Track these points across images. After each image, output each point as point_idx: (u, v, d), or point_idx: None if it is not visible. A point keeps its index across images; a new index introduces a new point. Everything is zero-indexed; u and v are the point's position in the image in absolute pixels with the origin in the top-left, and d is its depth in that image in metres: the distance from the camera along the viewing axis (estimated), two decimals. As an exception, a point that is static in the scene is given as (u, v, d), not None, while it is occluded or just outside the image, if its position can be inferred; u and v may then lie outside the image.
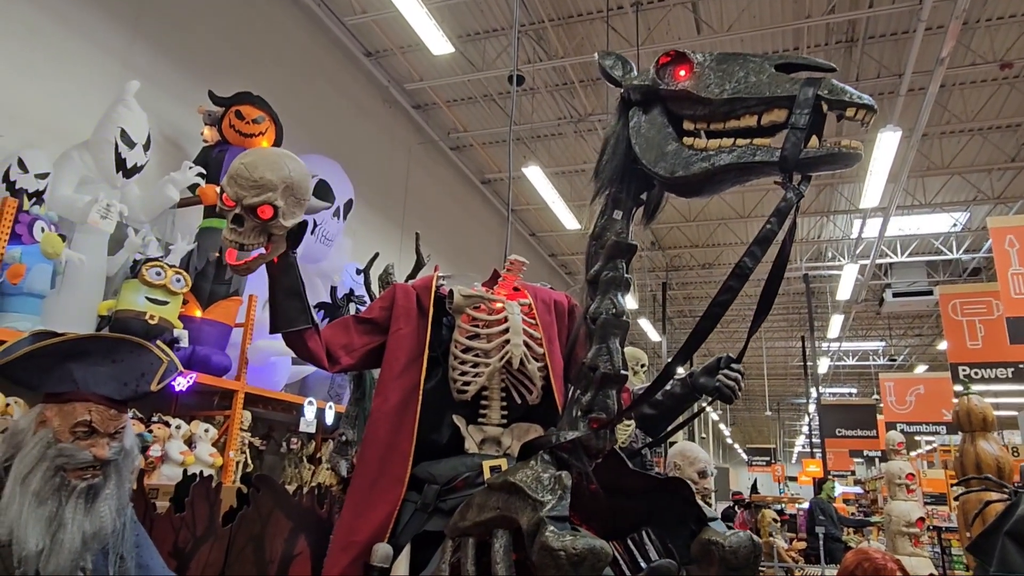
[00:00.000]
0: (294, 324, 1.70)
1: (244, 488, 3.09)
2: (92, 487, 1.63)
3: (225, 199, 1.57)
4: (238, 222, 1.56)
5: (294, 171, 1.60)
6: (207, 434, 5.08)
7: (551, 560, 1.04)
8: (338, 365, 1.81)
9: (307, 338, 1.75)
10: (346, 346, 1.83)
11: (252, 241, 1.57)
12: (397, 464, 1.66)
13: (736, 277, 1.17)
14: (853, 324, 17.83)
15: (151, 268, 4.51)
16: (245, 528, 2.99)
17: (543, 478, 1.22)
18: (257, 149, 1.67)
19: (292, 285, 1.73)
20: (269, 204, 1.56)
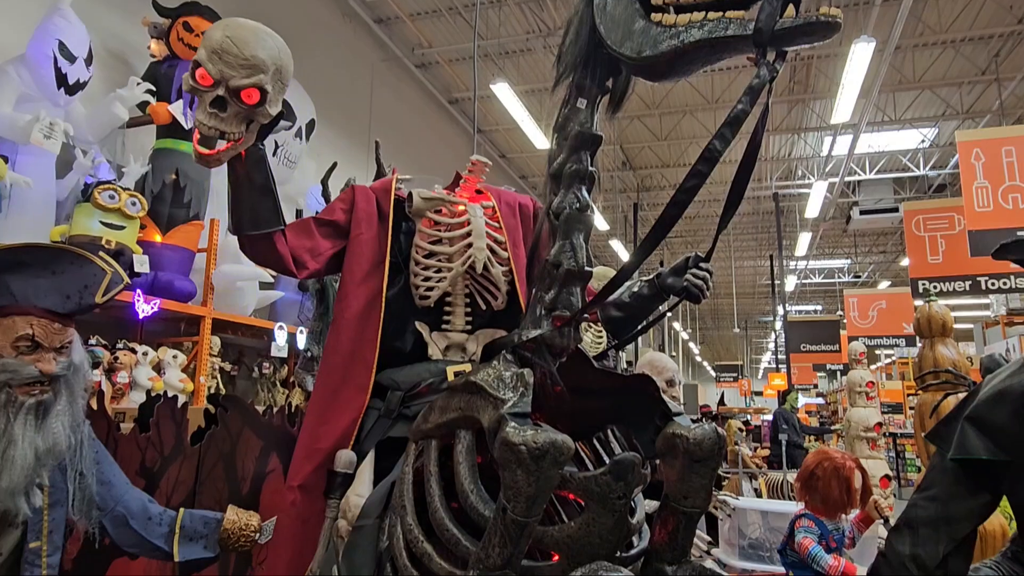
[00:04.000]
0: (265, 225, 1.57)
1: (212, 408, 3.06)
2: (41, 403, 1.58)
3: (202, 77, 1.38)
4: (219, 106, 1.40)
5: (283, 52, 1.45)
6: (176, 360, 5.02)
7: (512, 455, 1.02)
8: (305, 270, 1.72)
9: (276, 241, 1.64)
10: (311, 250, 1.73)
11: (234, 129, 1.42)
12: (360, 372, 1.62)
13: (705, 161, 1.12)
14: (820, 242, 18.09)
15: (104, 191, 4.33)
16: (215, 447, 2.97)
17: (505, 376, 1.19)
18: (240, 21, 1.46)
19: (264, 182, 1.58)
20: (258, 88, 1.40)
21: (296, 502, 1.54)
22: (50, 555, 1.68)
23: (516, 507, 1.04)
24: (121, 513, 1.85)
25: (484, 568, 1.08)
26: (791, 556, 3.21)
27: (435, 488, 1.27)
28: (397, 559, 1.31)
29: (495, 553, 1.07)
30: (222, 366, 5.48)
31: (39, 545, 1.66)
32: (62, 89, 4.13)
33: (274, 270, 1.71)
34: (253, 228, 1.57)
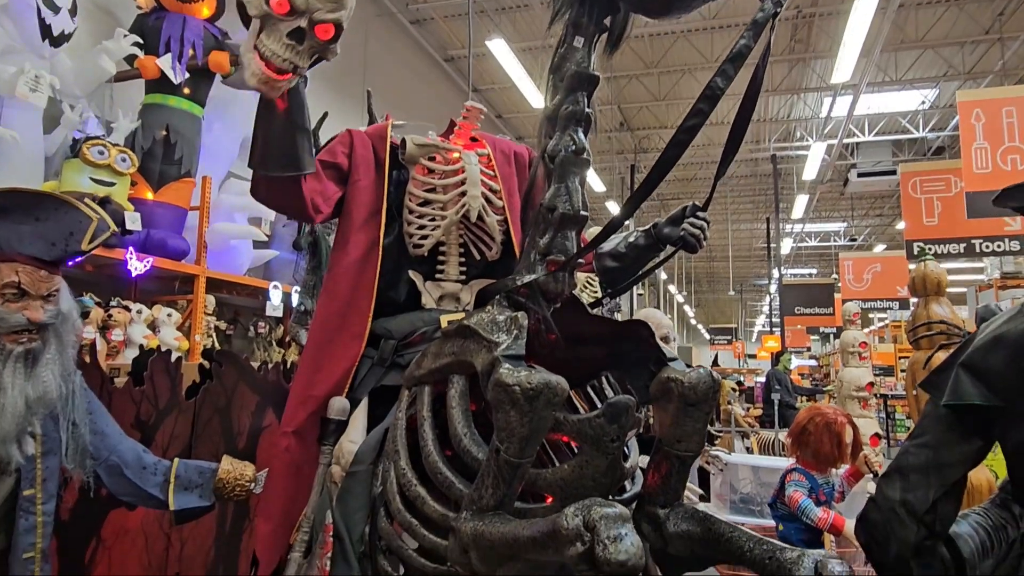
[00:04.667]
0: (296, 166, 1.47)
1: (206, 364, 3.06)
2: (30, 352, 1.57)
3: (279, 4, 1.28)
4: (297, 37, 1.31)
5: None
6: (170, 319, 5.01)
7: (506, 395, 1.01)
8: (320, 215, 1.66)
9: (302, 184, 1.57)
10: (322, 193, 1.67)
11: (305, 63, 1.34)
12: (356, 321, 1.61)
13: (706, 99, 1.09)
14: (817, 205, 18.03)
15: (93, 147, 4.26)
16: (210, 401, 2.98)
17: (499, 320, 1.18)
18: None
19: (303, 121, 1.50)
20: (336, 24, 1.33)
21: (290, 448, 1.54)
22: (45, 503, 1.69)
23: (509, 448, 1.03)
24: (115, 463, 1.86)
25: (477, 509, 1.08)
26: (781, 509, 3.26)
27: (428, 432, 1.26)
28: (391, 503, 1.31)
29: (488, 494, 1.07)
30: (217, 325, 5.47)
31: (33, 493, 1.66)
32: (46, 41, 4.03)
33: (290, 214, 1.66)
34: (282, 169, 1.48)
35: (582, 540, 0.82)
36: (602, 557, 0.80)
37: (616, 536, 0.81)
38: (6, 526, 1.66)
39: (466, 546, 1.06)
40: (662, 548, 1.23)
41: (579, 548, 0.82)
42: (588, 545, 0.81)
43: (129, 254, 4.43)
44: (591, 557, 0.81)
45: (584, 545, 0.82)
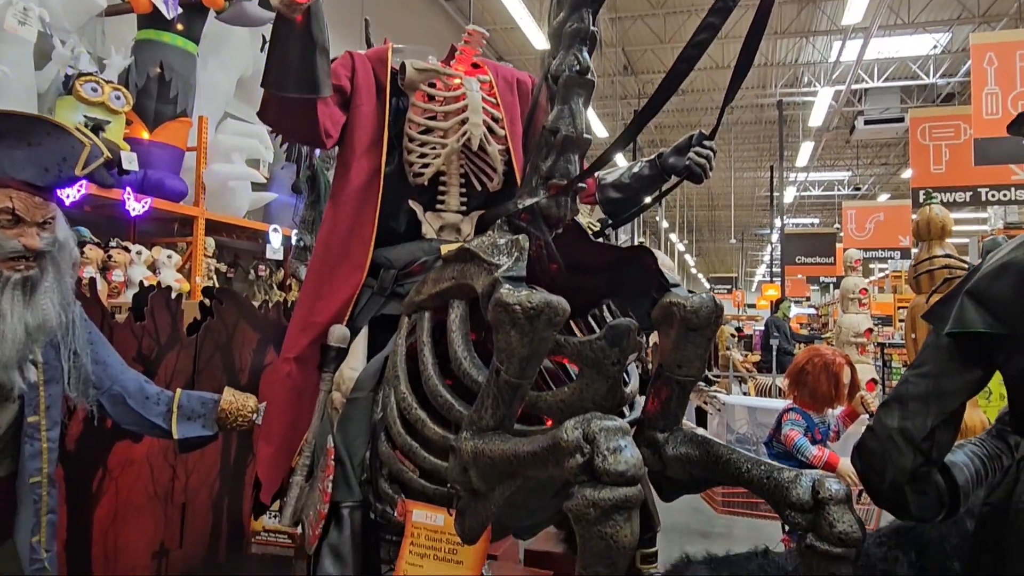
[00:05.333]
0: (313, 88, 1.41)
1: (207, 301, 3.06)
2: (28, 279, 1.56)
3: None
4: None
5: None
6: (171, 260, 4.99)
7: (506, 315, 1.01)
8: (331, 140, 1.62)
9: (318, 107, 1.52)
10: (331, 117, 1.62)
11: None
12: (357, 250, 1.59)
13: (717, 12, 1.04)
14: (822, 153, 17.81)
15: (86, 83, 4.17)
16: (211, 338, 3.00)
17: (499, 243, 1.16)
18: None
19: (324, 42, 1.44)
20: None
21: (291, 374, 1.55)
22: (49, 429, 1.70)
23: (509, 368, 1.03)
24: (118, 392, 1.87)
25: (477, 429, 1.08)
26: (776, 448, 3.30)
27: (428, 357, 1.26)
28: (391, 428, 1.32)
29: (488, 415, 1.08)
30: (218, 267, 5.45)
31: (37, 420, 1.68)
32: (33, -29, 3.90)
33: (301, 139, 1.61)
34: (299, 90, 1.42)
35: (581, 452, 0.82)
36: (601, 468, 0.80)
37: (616, 448, 0.82)
38: (12, 452, 1.68)
39: (466, 464, 1.07)
40: (660, 471, 1.24)
41: (579, 460, 0.82)
42: (588, 456, 0.82)
43: (127, 194, 4.38)
44: (590, 468, 0.81)
45: (584, 456, 0.82)
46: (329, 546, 1.33)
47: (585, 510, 0.80)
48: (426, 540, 1.23)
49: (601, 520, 0.79)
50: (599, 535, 0.79)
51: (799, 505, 0.99)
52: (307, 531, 1.37)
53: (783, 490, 1.01)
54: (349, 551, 1.33)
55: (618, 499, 0.79)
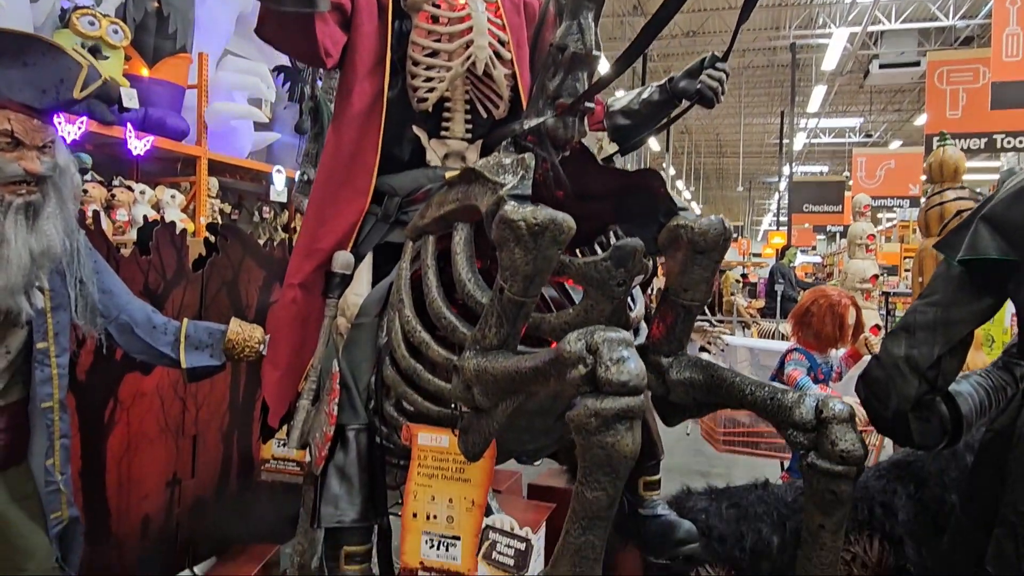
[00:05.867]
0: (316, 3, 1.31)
1: (212, 238, 3.05)
2: (30, 204, 1.55)
3: None
4: None
5: None
6: (174, 200, 4.98)
7: (511, 232, 0.99)
8: (331, 59, 1.56)
9: (316, 24, 1.46)
10: (331, 36, 1.56)
11: None
12: (361, 175, 1.57)
13: None
14: (834, 99, 17.42)
15: (83, 16, 4.08)
16: (217, 274, 3.00)
17: (504, 163, 1.14)
18: None
19: None
20: None
21: (296, 299, 1.55)
22: (59, 356, 1.72)
23: (513, 286, 1.02)
24: (126, 321, 1.88)
25: (480, 348, 1.08)
26: (779, 387, 3.33)
27: (432, 280, 1.26)
28: (396, 351, 1.33)
29: (491, 333, 1.07)
30: (222, 208, 5.43)
31: (46, 346, 1.69)
32: None
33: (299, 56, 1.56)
34: (296, 4, 1.34)
35: (584, 362, 0.82)
36: (604, 378, 0.80)
37: (619, 358, 0.81)
38: (23, 377, 1.70)
39: (469, 382, 1.07)
40: (663, 396, 1.25)
41: (581, 370, 0.82)
42: (590, 367, 0.82)
43: (128, 132, 4.34)
44: (593, 378, 0.81)
45: (587, 367, 0.82)
46: (335, 467, 1.36)
47: (586, 420, 0.80)
48: (433, 461, 1.25)
49: (602, 429, 0.79)
50: (600, 444, 0.80)
51: (802, 424, 1.00)
52: (314, 453, 1.40)
53: (787, 411, 1.02)
54: (355, 472, 1.35)
55: (620, 408, 0.79)
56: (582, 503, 0.83)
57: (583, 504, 0.83)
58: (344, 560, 1.31)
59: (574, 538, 0.84)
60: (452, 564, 1.23)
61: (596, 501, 0.82)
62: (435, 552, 1.24)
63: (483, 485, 1.22)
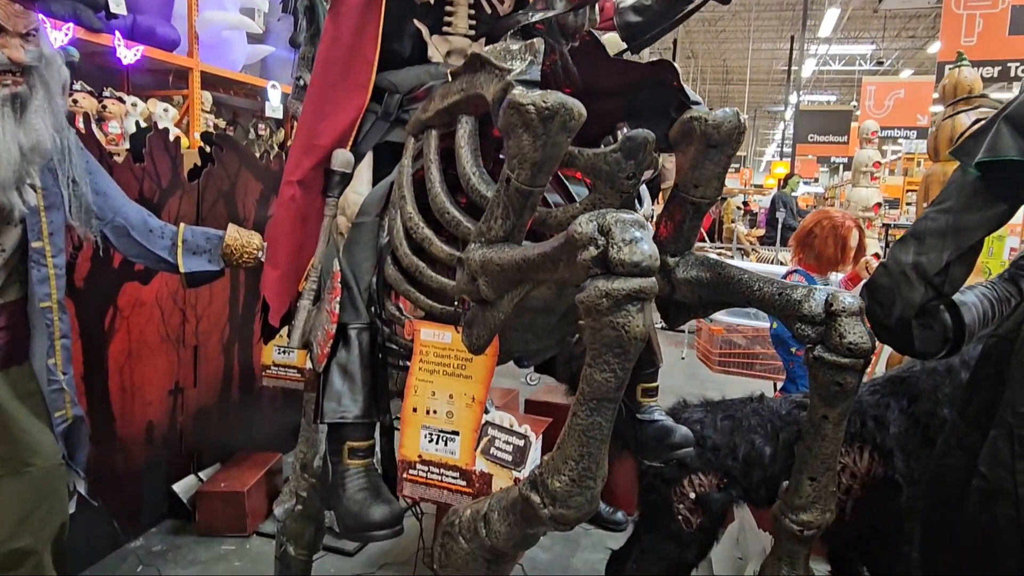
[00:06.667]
0: None
1: (206, 147, 2.99)
2: (16, 95, 1.50)
3: None
4: None
5: None
6: (167, 114, 4.85)
7: (519, 117, 0.95)
8: None
9: None
10: None
11: None
12: (360, 69, 1.51)
13: None
14: (846, 24, 16.88)
15: (63, -86, 3.86)
16: (213, 185, 2.95)
17: (512, 48, 1.09)
18: None
19: None
20: None
21: (295, 197, 1.51)
22: (55, 256, 1.70)
23: (521, 175, 0.99)
24: (121, 224, 1.85)
25: (485, 241, 1.06)
26: (778, 309, 3.33)
27: (435, 174, 1.22)
28: (397, 249, 1.31)
29: (497, 225, 1.05)
30: (216, 123, 5.30)
31: (42, 246, 1.67)
32: None
33: None
34: None
35: (596, 243, 0.80)
36: (616, 259, 0.78)
37: (631, 239, 0.79)
38: (20, 276, 1.69)
39: (474, 273, 1.06)
40: (668, 295, 1.23)
41: (592, 252, 0.80)
42: (602, 248, 0.79)
43: (117, 40, 4.18)
44: (604, 260, 0.79)
45: (598, 248, 0.80)
46: (337, 365, 1.35)
47: (597, 300, 0.78)
48: (435, 357, 1.25)
49: (613, 310, 0.78)
50: (610, 325, 0.78)
51: (811, 318, 0.98)
52: (315, 351, 1.39)
53: (796, 304, 1.00)
54: (357, 370, 1.35)
55: (632, 289, 0.78)
56: (591, 385, 0.83)
57: (592, 386, 0.83)
58: (347, 455, 1.32)
59: (582, 419, 0.84)
60: (450, 458, 1.24)
61: (605, 383, 0.82)
62: (434, 446, 1.25)
63: (484, 382, 1.22)
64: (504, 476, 1.21)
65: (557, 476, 0.87)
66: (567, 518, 0.87)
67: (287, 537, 1.87)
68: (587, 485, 0.86)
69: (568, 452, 0.86)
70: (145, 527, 2.79)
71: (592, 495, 0.87)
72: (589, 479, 0.86)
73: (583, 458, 0.85)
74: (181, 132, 4.83)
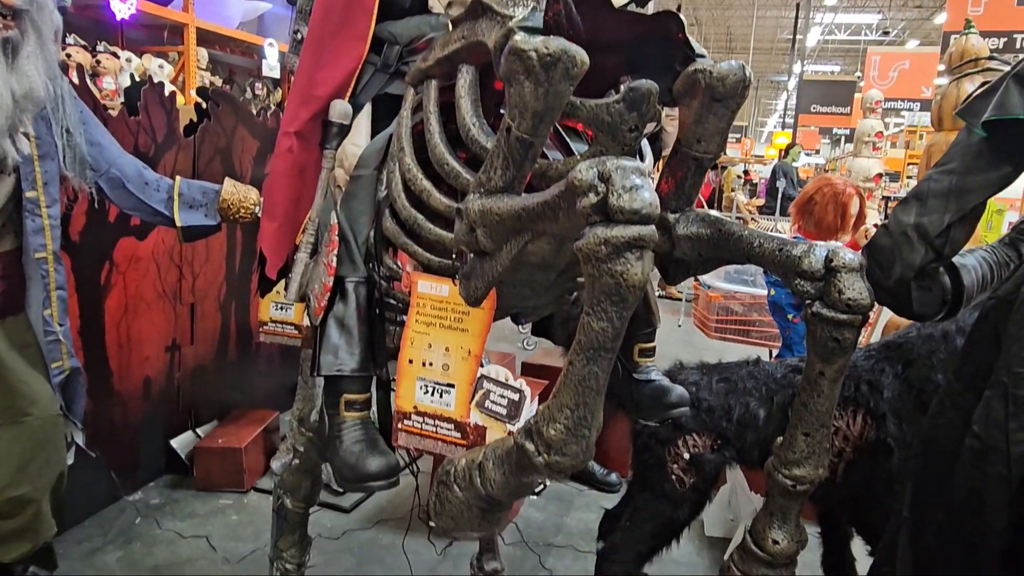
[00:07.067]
0: None
1: (202, 103, 2.94)
2: (8, 40, 1.47)
3: None
4: None
5: None
6: (162, 70, 4.78)
7: (520, 63, 0.93)
8: None
9: None
10: None
11: None
12: (359, 19, 1.47)
13: None
14: (854, -8, 16.61)
15: None
16: (209, 141, 2.92)
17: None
18: None
19: None
20: None
21: (292, 148, 1.49)
22: (49, 207, 1.68)
23: (522, 124, 0.98)
24: (116, 176, 1.83)
25: (484, 191, 1.05)
26: (774, 276, 3.34)
27: (435, 125, 1.21)
28: (396, 201, 1.29)
29: (497, 175, 1.04)
30: (212, 81, 5.23)
31: (36, 195, 1.66)
32: None
33: None
34: None
35: (596, 190, 0.79)
36: (616, 205, 0.77)
37: (632, 185, 0.78)
38: (15, 227, 1.67)
39: (473, 224, 1.04)
40: (668, 252, 1.22)
41: (592, 199, 0.79)
42: (602, 195, 0.78)
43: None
44: (604, 207, 0.78)
45: (598, 195, 0.78)
46: (334, 318, 1.35)
47: (596, 247, 0.77)
48: (431, 310, 1.25)
49: (612, 257, 0.77)
50: (609, 272, 0.78)
51: (810, 273, 0.98)
52: (312, 304, 1.39)
53: (795, 260, 1.00)
54: (354, 323, 1.35)
55: (631, 236, 0.77)
56: (588, 334, 0.82)
57: (589, 335, 0.82)
58: (344, 407, 1.33)
59: (578, 368, 0.84)
60: (445, 410, 1.25)
61: (602, 332, 0.81)
62: (429, 398, 1.25)
63: (480, 336, 1.22)
64: (498, 429, 1.22)
65: (552, 424, 0.87)
66: (561, 466, 0.87)
67: (284, 490, 1.89)
68: (582, 434, 0.86)
69: (564, 401, 0.86)
70: (143, 481, 2.82)
71: (587, 444, 0.87)
72: (584, 428, 0.86)
73: (579, 407, 0.86)
74: (177, 89, 4.76)
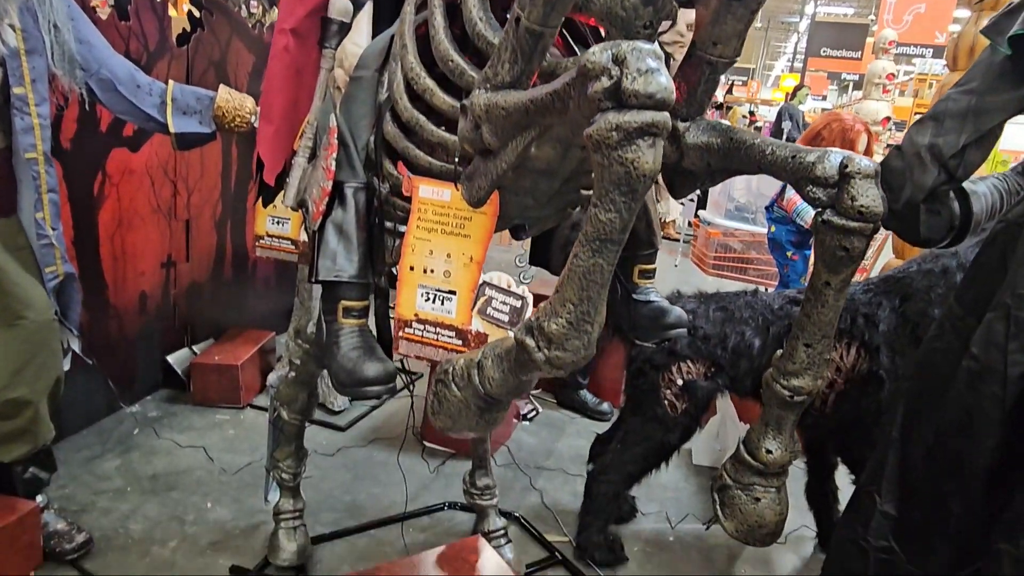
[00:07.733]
0: None
1: (195, 11, 2.84)
2: None
3: None
4: None
5: None
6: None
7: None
8: None
9: None
10: None
11: None
12: None
13: None
14: (873, -71, 15.97)
15: None
16: (203, 52, 2.83)
17: None
18: None
19: None
20: None
21: (289, 47, 1.43)
22: (38, 104, 1.63)
23: (532, 13, 0.93)
24: (107, 77, 1.77)
25: (491, 86, 1.01)
26: (776, 212, 3.31)
27: (439, 20, 1.15)
28: (397, 103, 1.25)
29: (504, 69, 1.00)
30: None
31: (24, 92, 1.60)
32: None
33: None
34: None
35: (609, 74, 0.75)
36: (629, 89, 0.74)
37: (647, 68, 0.75)
38: (4, 126, 1.63)
39: (478, 119, 1.01)
40: (675, 163, 1.19)
41: (605, 83, 0.75)
42: (615, 79, 0.75)
43: None
44: (617, 92, 0.75)
45: (611, 79, 0.75)
46: (333, 224, 1.32)
47: (607, 134, 0.75)
48: (433, 215, 1.22)
49: (623, 144, 0.74)
50: (619, 160, 0.75)
51: (823, 180, 0.95)
52: (310, 209, 1.36)
53: (809, 167, 0.97)
54: (353, 230, 1.32)
55: (644, 122, 0.74)
56: (595, 225, 0.80)
57: (596, 226, 0.80)
58: (342, 314, 1.31)
59: (583, 260, 0.82)
60: (447, 317, 1.24)
61: (609, 223, 0.79)
62: (430, 305, 1.24)
63: (482, 242, 1.20)
64: (500, 336, 1.21)
65: (554, 319, 0.85)
66: (562, 360, 0.86)
67: (280, 402, 1.90)
68: (584, 329, 0.85)
69: (567, 295, 0.85)
70: (141, 394, 2.84)
71: (589, 340, 0.86)
72: (587, 323, 0.85)
73: (582, 302, 0.84)
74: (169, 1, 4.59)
